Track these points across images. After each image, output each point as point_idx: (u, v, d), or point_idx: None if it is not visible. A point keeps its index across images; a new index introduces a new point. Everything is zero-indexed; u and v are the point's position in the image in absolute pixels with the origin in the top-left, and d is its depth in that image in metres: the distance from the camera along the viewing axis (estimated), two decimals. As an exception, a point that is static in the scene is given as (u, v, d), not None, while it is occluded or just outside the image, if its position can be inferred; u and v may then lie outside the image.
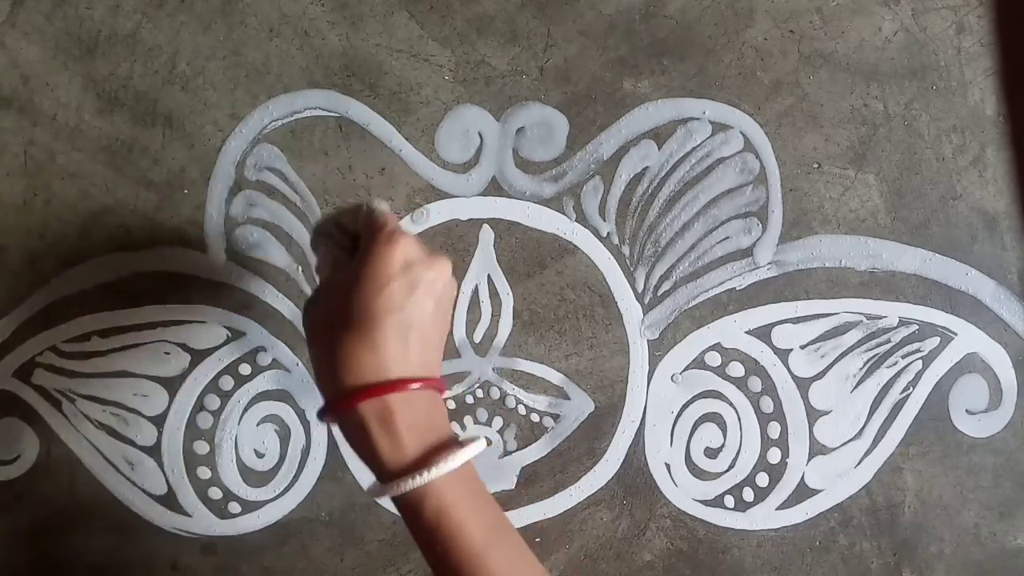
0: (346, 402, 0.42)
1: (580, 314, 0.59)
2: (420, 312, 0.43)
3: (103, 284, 0.57)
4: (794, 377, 0.59)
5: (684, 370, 0.59)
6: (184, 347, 0.58)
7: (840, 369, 0.60)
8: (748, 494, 0.60)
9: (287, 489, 0.59)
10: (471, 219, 0.58)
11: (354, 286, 0.43)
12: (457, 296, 0.58)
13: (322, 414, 0.44)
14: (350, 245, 0.47)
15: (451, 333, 0.59)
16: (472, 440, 0.44)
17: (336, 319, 0.43)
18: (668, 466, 0.60)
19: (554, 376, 0.59)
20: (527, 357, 0.59)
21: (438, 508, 0.41)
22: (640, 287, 0.59)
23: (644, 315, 0.59)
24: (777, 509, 0.60)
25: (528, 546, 0.44)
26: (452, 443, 0.43)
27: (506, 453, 0.59)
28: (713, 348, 0.59)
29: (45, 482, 0.58)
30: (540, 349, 0.59)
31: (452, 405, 0.59)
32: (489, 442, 0.59)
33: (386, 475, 0.42)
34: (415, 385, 0.42)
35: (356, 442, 0.43)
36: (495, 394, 0.59)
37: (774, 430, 0.60)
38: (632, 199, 0.59)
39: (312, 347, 0.45)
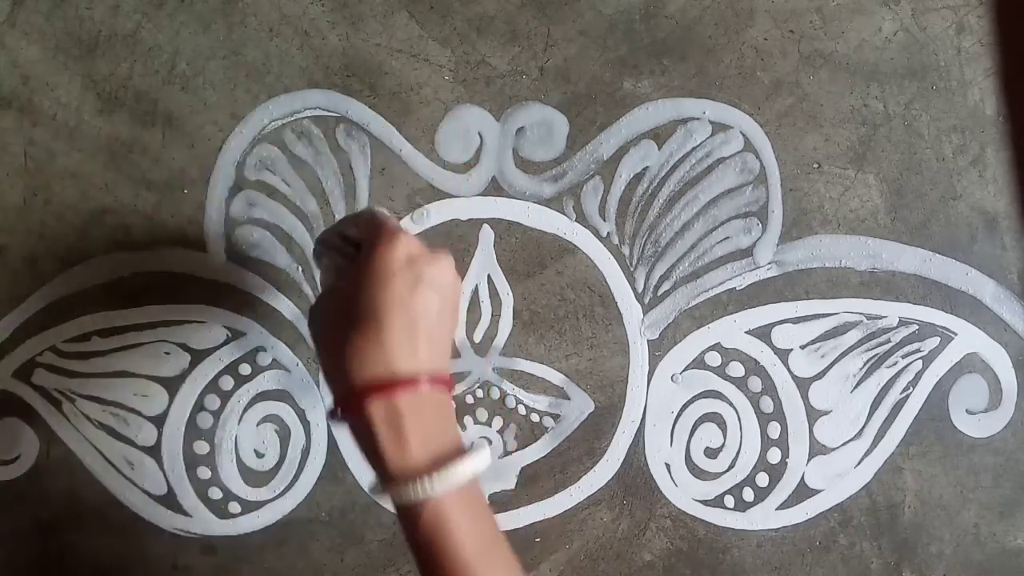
0: (356, 400, 0.42)
1: (580, 314, 0.59)
2: (425, 306, 0.43)
3: (103, 284, 0.57)
4: (794, 377, 0.59)
5: (684, 370, 0.59)
6: (184, 347, 0.58)
7: (840, 369, 0.60)
8: (748, 494, 0.60)
9: (287, 489, 0.59)
10: (471, 219, 0.58)
11: (358, 285, 0.43)
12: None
13: (332, 415, 0.44)
14: (353, 253, 0.47)
15: (451, 333, 0.59)
16: (477, 452, 0.43)
17: (342, 319, 0.43)
18: (668, 466, 0.60)
19: (554, 376, 0.59)
20: (527, 357, 0.59)
21: (435, 521, 0.41)
22: (640, 287, 0.59)
23: (644, 315, 0.59)
24: (777, 509, 0.60)
25: (520, 564, 0.44)
26: (457, 453, 0.42)
27: (506, 453, 0.59)
28: (713, 348, 0.59)
29: (45, 482, 0.58)
30: (540, 349, 0.59)
31: (452, 405, 0.59)
32: (490, 442, 0.59)
33: (389, 479, 0.42)
34: (424, 382, 0.42)
35: (363, 443, 0.43)
36: (495, 394, 0.59)
37: (774, 430, 0.60)
38: (632, 199, 0.59)
39: (320, 351, 0.45)
